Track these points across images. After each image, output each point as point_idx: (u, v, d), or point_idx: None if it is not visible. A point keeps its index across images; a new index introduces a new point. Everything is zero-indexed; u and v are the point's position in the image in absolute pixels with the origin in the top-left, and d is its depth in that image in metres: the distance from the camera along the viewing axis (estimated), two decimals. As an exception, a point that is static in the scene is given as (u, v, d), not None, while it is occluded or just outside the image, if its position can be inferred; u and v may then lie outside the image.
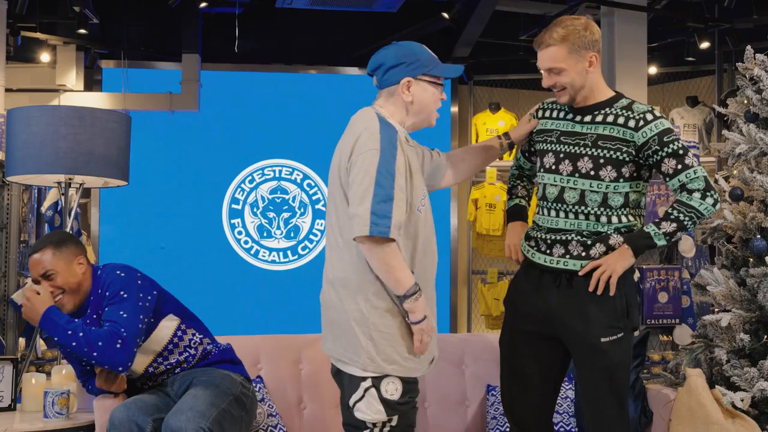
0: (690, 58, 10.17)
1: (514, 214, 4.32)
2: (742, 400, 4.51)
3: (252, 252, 11.35)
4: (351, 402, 3.54)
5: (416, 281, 3.53)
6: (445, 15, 10.23)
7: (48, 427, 4.27)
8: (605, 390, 3.85)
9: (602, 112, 3.90)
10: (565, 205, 3.90)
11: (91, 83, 11.09)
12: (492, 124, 11.28)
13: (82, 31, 9.60)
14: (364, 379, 3.53)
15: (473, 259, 11.49)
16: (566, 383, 4.68)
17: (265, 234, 11.35)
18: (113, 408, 3.95)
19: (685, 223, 3.82)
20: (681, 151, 3.83)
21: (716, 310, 4.95)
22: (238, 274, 10.91)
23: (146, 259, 10.75)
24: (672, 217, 3.83)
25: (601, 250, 3.86)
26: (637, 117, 3.84)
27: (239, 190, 11.41)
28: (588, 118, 3.91)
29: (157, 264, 10.59)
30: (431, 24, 10.86)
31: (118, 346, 4.01)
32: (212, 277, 10.72)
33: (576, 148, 3.88)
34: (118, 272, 4.28)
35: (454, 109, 11.76)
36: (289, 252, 11.36)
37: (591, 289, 3.81)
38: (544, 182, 3.98)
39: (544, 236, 3.95)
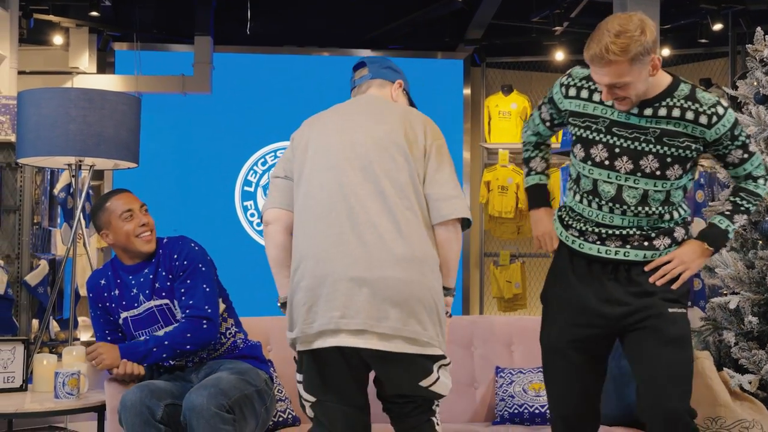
0: (703, 40, 10.12)
1: (537, 197, 3.95)
2: (750, 383, 4.52)
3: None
4: (426, 384, 3.41)
5: None
6: (458, -3, 10.21)
7: (58, 408, 4.30)
8: (672, 364, 3.49)
9: (664, 104, 3.51)
10: (624, 206, 3.57)
11: (104, 66, 11.11)
12: (504, 107, 11.27)
13: (95, 13, 9.61)
14: (443, 357, 3.44)
15: (485, 242, 11.49)
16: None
17: (276, 215, 11.37)
18: (126, 390, 3.97)
19: (751, 212, 3.73)
20: (747, 140, 3.61)
21: (725, 292, 4.95)
22: (251, 256, 10.94)
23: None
24: (743, 208, 3.66)
25: (666, 242, 3.60)
26: (709, 112, 3.50)
27: (252, 172, 11.43)
28: (649, 111, 3.52)
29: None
30: (443, 6, 10.83)
31: (205, 325, 4.12)
32: (224, 259, 10.67)
33: (636, 144, 3.52)
34: (192, 245, 4.33)
35: (467, 91, 11.74)
36: (301, 234, 11.38)
37: (653, 280, 3.57)
38: (593, 177, 3.59)
39: (592, 228, 3.63)
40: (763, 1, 9.37)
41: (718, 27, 9.69)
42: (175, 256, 4.25)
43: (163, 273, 4.24)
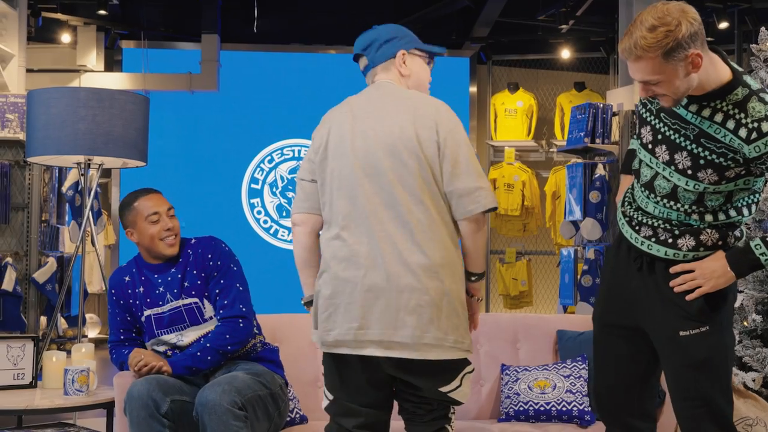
0: (709, 38, 10.08)
1: (626, 162, 3.70)
2: (754, 380, 4.54)
3: (271, 231, 11.43)
4: (446, 390, 3.39)
5: None
6: (464, -5, 10.23)
7: (68, 404, 4.33)
8: (691, 392, 3.34)
9: (711, 105, 3.18)
10: (654, 194, 3.36)
11: (112, 63, 11.17)
12: (510, 104, 11.29)
13: (103, 12, 9.65)
14: (464, 364, 3.41)
15: (492, 239, 11.52)
16: (580, 362, 4.71)
17: (284, 213, 11.42)
18: (133, 382, 3.99)
19: None
20: None
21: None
22: (258, 253, 10.99)
23: (166, 239, 10.84)
24: None
25: (690, 243, 3.32)
26: (751, 126, 3.12)
27: (258, 169, 11.47)
28: (694, 108, 3.21)
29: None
30: (450, 4, 10.86)
31: (241, 323, 4.15)
32: (232, 256, 10.79)
33: (676, 135, 3.27)
34: (223, 245, 4.36)
35: (473, 89, 11.77)
36: (308, 231, 11.41)
37: (672, 285, 3.34)
38: (640, 157, 3.42)
39: (633, 213, 3.46)
40: (769, -1, 9.38)
41: (724, 25, 9.70)
42: (209, 256, 4.28)
43: (194, 272, 4.25)
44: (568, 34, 10.85)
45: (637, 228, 3.42)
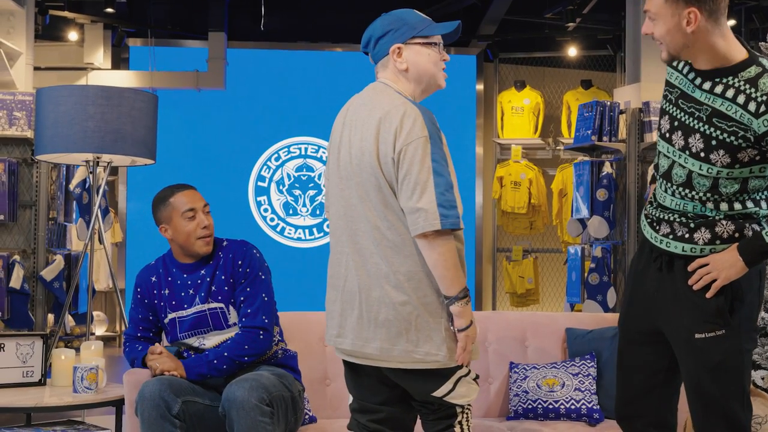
0: (716, 36, 10.11)
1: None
2: (763, 379, 4.54)
3: (278, 229, 11.44)
4: (439, 394, 3.37)
5: None
6: (471, -7, 10.24)
7: (77, 402, 4.34)
8: (705, 395, 3.33)
9: (724, 81, 3.22)
10: (671, 184, 3.37)
11: (119, 61, 11.19)
12: (517, 102, 11.29)
13: (110, 10, 9.67)
14: (453, 370, 3.36)
15: (498, 237, 11.53)
16: (588, 360, 4.72)
17: (290, 211, 11.43)
18: (145, 381, 4.00)
19: None
20: None
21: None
22: (264, 251, 10.92)
23: (173, 236, 10.86)
24: None
25: (707, 236, 3.31)
26: (760, 99, 3.15)
27: (265, 167, 11.48)
28: (707, 86, 3.26)
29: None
30: (457, 2, 10.87)
31: (261, 336, 4.13)
32: (238, 254, 10.81)
33: (691, 119, 3.29)
34: (254, 251, 4.32)
35: (480, 86, 11.77)
36: (314, 229, 11.43)
37: (691, 282, 3.31)
38: (659, 149, 3.45)
39: (653, 211, 3.47)
40: (777, -3, 9.37)
41: (731, 23, 9.67)
42: (240, 262, 4.23)
43: (223, 277, 4.22)
44: (575, 32, 10.85)
45: (656, 227, 3.42)
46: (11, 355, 4.61)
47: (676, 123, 3.33)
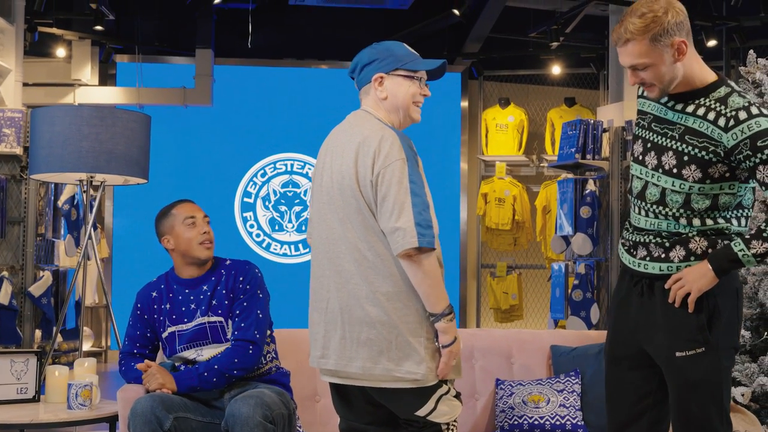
0: (698, 55, 10.23)
1: None
2: (743, 395, 4.61)
3: (264, 245, 11.49)
4: (423, 414, 3.43)
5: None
6: (456, 11, 10.33)
7: (72, 418, 4.38)
8: (686, 411, 3.39)
9: (696, 102, 3.33)
10: (645, 203, 3.44)
11: (106, 78, 11.23)
12: (502, 119, 11.39)
13: (99, 27, 9.73)
14: (433, 389, 3.42)
15: (482, 253, 11.61)
16: (573, 376, 4.79)
17: (276, 227, 11.48)
18: (137, 398, 4.05)
19: None
20: None
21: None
22: (250, 267, 11.02)
23: (159, 252, 10.84)
24: (765, 234, 3.26)
25: (681, 253, 3.38)
26: (729, 114, 3.25)
27: (251, 183, 11.53)
28: (680, 106, 3.37)
29: (170, 256, 10.72)
30: (442, 20, 10.97)
31: (251, 350, 4.19)
32: (225, 269, 10.83)
33: (663, 139, 3.39)
34: (256, 271, 4.42)
35: (464, 104, 11.87)
36: (300, 245, 11.49)
37: (670, 300, 3.37)
38: (632, 173, 3.52)
39: (629, 236, 3.53)
40: (757, 17, 9.50)
41: (712, 43, 9.82)
42: (241, 279, 4.33)
43: (224, 291, 4.31)
44: (559, 51, 10.96)
45: (633, 252, 3.49)
46: (5, 372, 4.66)
47: (648, 145, 3.43)
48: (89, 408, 4.43)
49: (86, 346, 10.55)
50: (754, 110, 3.24)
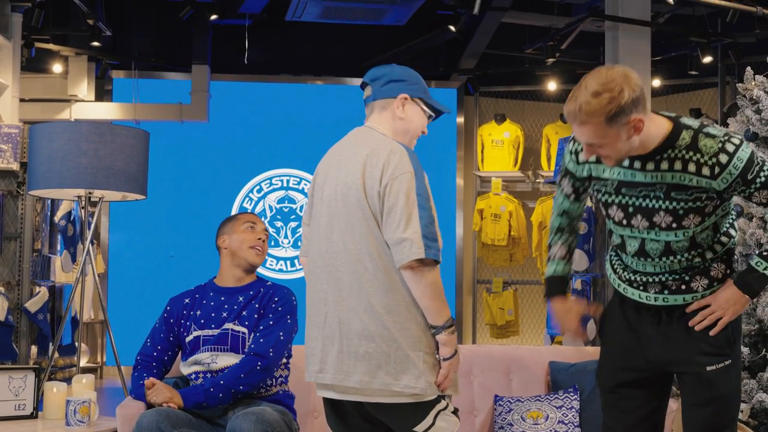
0: (693, 72, 10.29)
1: (553, 287, 3.74)
2: (742, 411, 4.61)
3: (260, 260, 11.48)
4: (421, 429, 3.41)
5: None
6: (452, 27, 10.35)
7: (70, 435, 4.40)
8: (714, 424, 3.40)
9: (665, 156, 3.27)
10: (650, 259, 3.40)
11: (102, 93, 11.23)
12: (497, 135, 11.42)
13: (96, 43, 9.74)
14: (432, 404, 3.42)
15: (478, 269, 11.61)
16: (571, 393, 4.79)
17: (272, 243, 11.47)
18: (143, 412, 4.05)
19: None
20: (766, 179, 3.26)
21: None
22: (246, 283, 11.01)
23: (155, 268, 10.89)
24: None
25: (704, 283, 3.39)
26: (711, 163, 3.21)
27: (247, 199, 11.54)
28: (651, 166, 3.29)
29: (165, 272, 10.73)
30: (438, 36, 10.99)
31: (259, 367, 4.21)
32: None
33: (647, 201, 3.32)
34: (292, 298, 4.46)
35: (460, 119, 11.89)
36: (296, 261, 11.48)
37: (692, 324, 3.39)
38: (619, 233, 3.46)
39: (632, 276, 3.49)
40: (752, 34, 9.54)
41: (707, 59, 9.86)
42: (276, 299, 4.38)
43: (256, 305, 4.36)
44: (555, 67, 10.99)
45: (642, 288, 3.46)
46: (3, 388, 4.65)
47: (631, 209, 3.36)
48: (87, 424, 4.43)
49: (82, 361, 10.53)
50: (729, 147, 3.21)
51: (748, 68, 5.11)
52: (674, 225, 3.30)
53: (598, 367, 3.68)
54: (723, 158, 3.20)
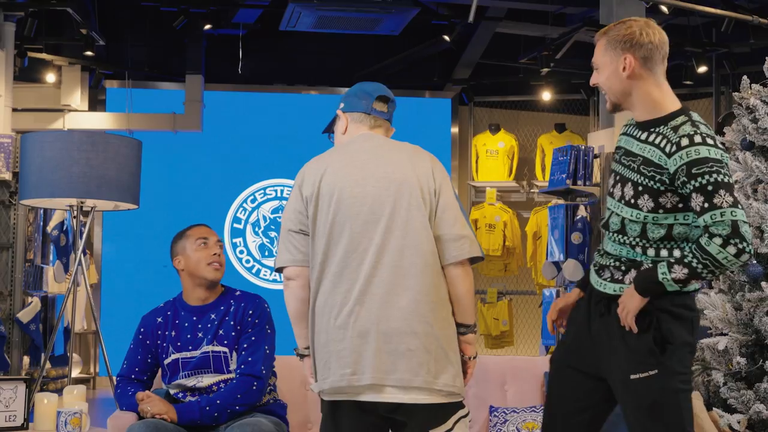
0: (688, 82, 10.29)
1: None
2: (739, 422, 4.60)
3: (253, 271, 11.45)
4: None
5: None
6: (446, 37, 10.34)
7: (61, 446, 4.36)
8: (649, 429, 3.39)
9: (655, 130, 3.36)
10: (609, 232, 3.51)
11: (96, 103, 11.20)
12: (492, 145, 11.40)
13: (89, 53, 9.71)
14: (456, 408, 3.43)
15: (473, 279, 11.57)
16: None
17: (266, 253, 11.45)
18: (131, 424, 4.01)
19: (699, 270, 3.25)
20: (710, 187, 3.21)
21: (713, 333, 5.04)
22: (240, 293, 10.98)
23: (148, 278, 10.84)
24: (686, 261, 3.27)
25: (632, 277, 3.43)
26: (674, 140, 3.28)
27: (241, 209, 11.51)
28: (644, 136, 3.41)
29: (159, 283, 10.67)
30: (432, 46, 10.98)
31: (255, 386, 4.17)
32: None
33: (627, 170, 3.43)
34: (265, 306, 4.41)
35: (455, 129, 11.88)
36: (289, 271, 11.44)
37: (622, 324, 3.39)
38: (608, 206, 3.58)
39: (599, 258, 3.57)
40: (747, 44, 9.54)
41: (702, 69, 9.85)
42: (250, 312, 4.32)
43: (231, 322, 4.29)
44: (549, 77, 10.98)
45: (599, 272, 3.53)
46: (-6, 399, 4.62)
47: (617, 177, 3.49)
48: (78, 436, 4.40)
49: (74, 372, 10.47)
50: (698, 138, 3.25)
51: (745, 77, 5.11)
52: (632, 201, 3.39)
53: (557, 344, 3.76)
54: (684, 141, 3.26)
